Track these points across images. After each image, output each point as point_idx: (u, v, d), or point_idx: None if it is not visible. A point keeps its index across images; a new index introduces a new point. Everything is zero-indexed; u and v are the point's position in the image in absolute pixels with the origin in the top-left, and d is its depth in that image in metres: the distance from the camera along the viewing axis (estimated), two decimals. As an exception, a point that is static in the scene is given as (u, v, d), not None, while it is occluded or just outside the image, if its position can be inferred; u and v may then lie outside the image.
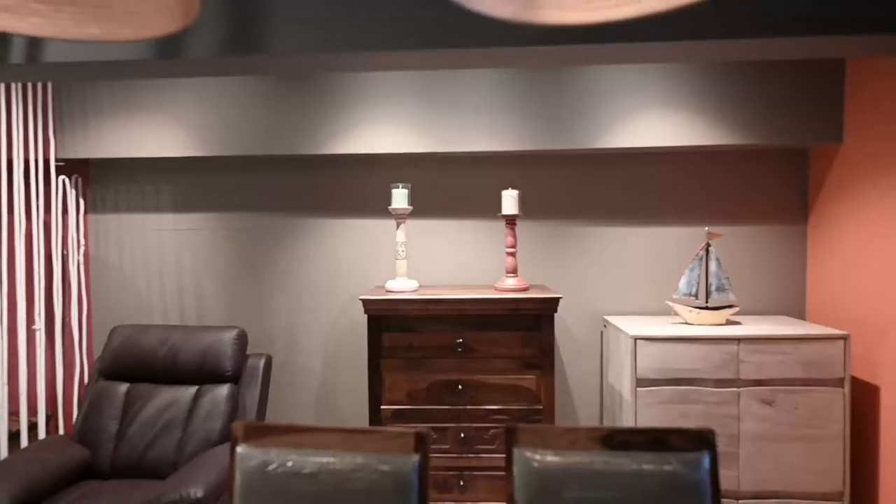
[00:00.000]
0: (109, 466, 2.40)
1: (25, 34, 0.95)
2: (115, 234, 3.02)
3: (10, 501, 1.95)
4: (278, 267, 2.98)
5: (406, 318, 2.42)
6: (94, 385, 2.58)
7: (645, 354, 2.37)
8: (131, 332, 2.62)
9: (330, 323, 2.95)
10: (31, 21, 0.94)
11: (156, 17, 0.94)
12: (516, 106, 2.65)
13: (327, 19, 1.64)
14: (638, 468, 1.16)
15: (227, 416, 2.48)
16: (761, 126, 2.60)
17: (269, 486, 1.17)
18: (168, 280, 3.01)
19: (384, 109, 2.69)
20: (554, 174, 2.89)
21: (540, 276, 2.90)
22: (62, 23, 0.96)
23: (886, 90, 2.29)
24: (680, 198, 2.85)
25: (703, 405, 2.36)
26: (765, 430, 2.35)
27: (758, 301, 2.85)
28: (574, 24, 0.90)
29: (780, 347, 2.33)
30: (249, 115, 2.74)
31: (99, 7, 0.94)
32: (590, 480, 1.16)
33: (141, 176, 3.00)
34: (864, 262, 2.41)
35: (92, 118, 2.77)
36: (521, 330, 2.40)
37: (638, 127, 2.62)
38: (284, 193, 2.97)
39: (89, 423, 2.47)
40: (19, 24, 0.94)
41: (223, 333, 2.61)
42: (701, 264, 2.59)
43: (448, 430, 2.41)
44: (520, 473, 1.20)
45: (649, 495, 1.14)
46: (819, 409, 2.33)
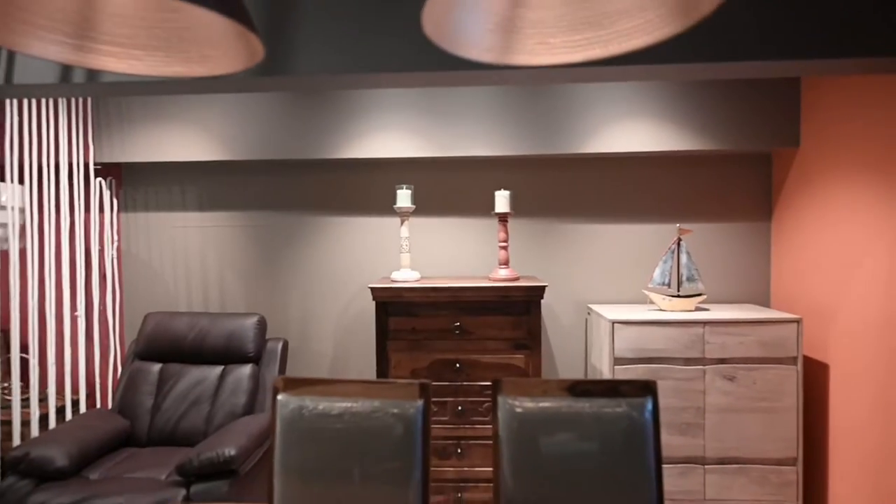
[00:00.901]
0: (147, 435, 2.70)
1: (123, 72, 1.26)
2: (144, 231, 3.33)
3: (68, 459, 2.25)
4: (293, 260, 3.28)
5: (409, 304, 2.73)
6: (131, 365, 2.88)
7: (622, 336, 2.68)
8: (163, 318, 2.93)
9: (340, 311, 3.26)
10: (129, 63, 1.25)
11: (225, 59, 1.23)
12: (508, 115, 2.96)
13: (343, 46, 1.94)
14: (596, 410, 1.46)
15: (250, 393, 2.79)
16: (727, 132, 2.91)
17: (304, 425, 1.47)
18: (193, 272, 3.31)
19: (389, 119, 2.99)
20: (542, 176, 3.20)
21: (529, 268, 3.21)
22: (153, 63, 1.26)
23: (836, 100, 2.59)
24: (655, 197, 3.16)
25: (672, 381, 2.66)
26: (727, 403, 2.65)
27: (727, 290, 3.15)
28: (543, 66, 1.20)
29: (741, 330, 2.64)
30: (268, 123, 3.04)
31: (181, 52, 1.25)
32: (558, 420, 1.46)
33: (168, 178, 3.31)
34: (817, 255, 2.71)
35: (127, 125, 3.07)
36: (511, 314, 2.71)
37: (617, 134, 2.93)
38: (299, 194, 3.27)
39: (128, 398, 2.77)
40: (119, 65, 1.24)
41: (245, 320, 2.91)
42: (673, 257, 2.89)
43: (447, 404, 2.71)
44: (503, 416, 1.50)
45: (604, 431, 1.44)
46: (775, 384, 2.63)
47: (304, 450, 1.46)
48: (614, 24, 1.08)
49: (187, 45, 1.22)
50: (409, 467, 1.45)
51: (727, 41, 1.87)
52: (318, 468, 1.45)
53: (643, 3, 1.03)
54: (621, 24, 1.08)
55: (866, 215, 2.35)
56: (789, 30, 1.87)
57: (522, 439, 1.49)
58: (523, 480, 1.44)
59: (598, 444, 1.43)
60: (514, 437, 1.48)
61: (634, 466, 1.42)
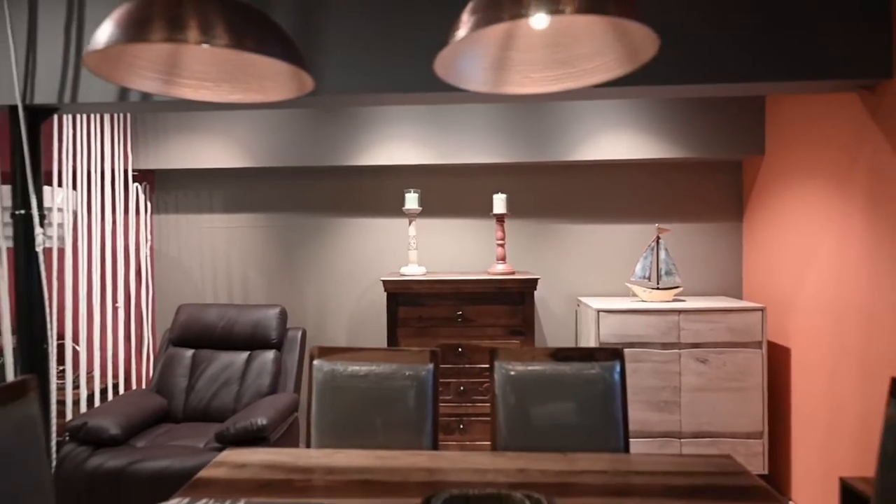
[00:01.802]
0: (182, 412, 3.02)
1: (197, 100, 1.59)
2: (175, 231, 3.66)
3: (119, 428, 2.57)
4: (310, 257, 3.61)
5: (417, 295, 3.05)
6: (166, 351, 3.21)
7: (606, 324, 3.00)
8: (195, 309, 3.25)
9: (353, 303, 3.59)
10: (201, 93, 1.58)
11: (280, 90, 1.56)
12: (504, 126, 3.30)
13: (361, 70, 2.28)
14: (575, 372, 1.78)
15: (274, 375, 3.11)
16: (702, 142, 3.24)
17: (336, 384, 1.79)
18: (219, 268, 3.64)
19: (398, 130, 3.33)
20: (535, 181, 3.53)
21: (524, 264, 3.53)
22: (220, 92, 1.59)
23: (795, 114, 2.92)
24: (636, 200, 3.49)
25: (651, 363, 2.98)
26: (700, 383, 2.97)
27: (704, 284, 3.48)
28: (528, 94, 1.53)
29: (712, 317, 2.96)
30: (289, 134, 3.38)
31: (243, 83, 1.58)
32: (543, 380, 1.79)
33: (197, 183, 3.65)
34: (781, 251, 3.04)
35: (161, 135, 3.41)
36: (508, 304, 3.03)
37: (603, 143, 3.26)
38: (316, 197, 3.61)
39: (164, 380, 3.10)
40: (194, 94, 1.57)
41: (269, 310, 3.24)
42: (653, 253, 3.22)
43: (450, 384, 3.03)
44: (498, 378, 1.82)
45: (581, 388, 1.77)
46: (743, 366, 2.95)
47: (336, 403, 1.78)
48: (581, 64, 1.43)
49: (249, 78, 1.57)
50: (422, 418, 1.77)
51: (699, 66, 2.22)
52: (347, 418, 1.78)
53: (601, 50, 1.37)
54: (586, 64, 1.42)
55: (819, 215, 2.68)
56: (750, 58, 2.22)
57: (514, 395, 1.82)
58: (514, 428, 1.77)
59: (575, 399, 1.75)
60: (508, 393, 1.80)
61: (605, 416, 1.74)
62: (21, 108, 2.43)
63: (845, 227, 2.49)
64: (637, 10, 1.12)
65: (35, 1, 2.43)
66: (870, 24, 2.19)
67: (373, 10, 2.30)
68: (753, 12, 2.21)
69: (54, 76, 2.43)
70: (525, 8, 1.07)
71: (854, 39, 2.19)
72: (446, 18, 2.26)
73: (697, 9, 2.22)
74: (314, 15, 2.33)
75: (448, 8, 2.26)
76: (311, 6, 2.32)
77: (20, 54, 2.43)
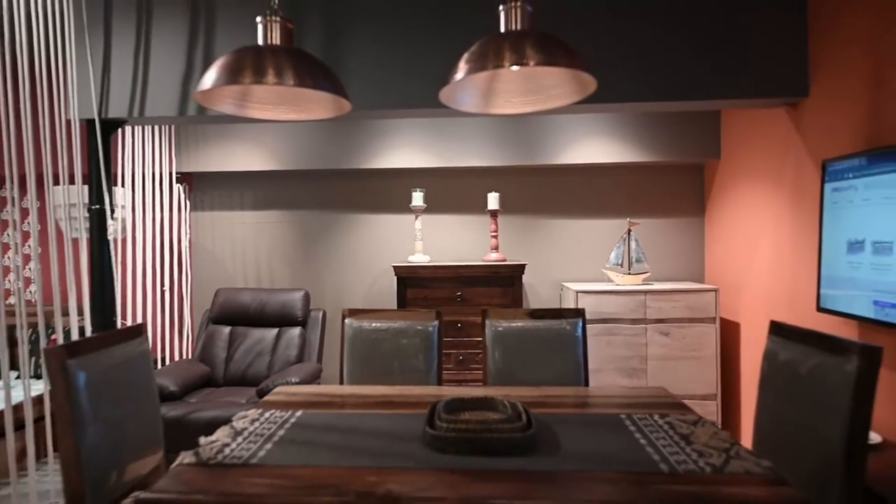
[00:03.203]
0: (222, 378, 3.54)
1: (261, 118, 2.11)
2: (209, 227, 4.18)
3: (177, 386, 3.09)
4: (329, 249, 4.13)
5: (422, 279, 3.58)
6: (207, 328, 3.73)
7: (584, 303, 3.52)
8: (231, 293, 3.77)
9: (366, 287, 4.11)
10: (265, 113, 2.10)
11: (322, 111, 2.09)
12: (498, 135, 3.82)
13: (377, 89, 2.81)
14: (547, 326, 2.30)
15: (300, 348, 3.63)
16: (668, 148, 3.77)
17: (362, 337, 2.31)
18: (248, 258, 4.16)
19: (406, 138, 3.86)
20: (525, 182, 4.06)
21: (515, 253, 4.06)
22: (277, 112, 2.12)
23: (743, 124, 3.44)
24: (612, 198, 4.02)
25: (622, 336, 3.50)
26: (663, 353, 3.48)
27: (672, 270, 4.00)
28: (508, 114, 2.06)
29: (673, 297, 3.48)
30: (310, 141, 3.90)
31: (295, 106, 2.10)
32: (523, 332, 2.30)
33: (230, 184, 4.17)
34: (733, 241, 3.56)
35: (202, 142, 3.94)
36: (500, 286, 3.56)
37: (583, 149, 3.78)
38: (334, 196, 4.13)
39: (206, 352, 3.62)
40: (260, 114, 2.10)
41: (294, 294, 3.76)
42: (625, 244, 3.74)
43: (451, 355, 3.55)
44: (488, 332, 2.34)
45: (552, 338, 2.28)
46: (699, 338, 3.47)
47: (362, 352, 2.30)
48: (546, 93, 1.95)
49: (300, 102, 2.10)
50: (429, 363, 2.29)
51: (654, 86, 2.74)
52: (371, 363, 2.30)
53: (559, 84, 1.90)
54: (550, 92, 1.95)
55: (760, 210, 3.20)
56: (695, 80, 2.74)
57: (501, 345, 2.33)
58: (501, 370, 2.28)
59: (547, 346, 2.27)
60: (496, 344, 2.32)
61: (571, 360, 2.26)
62: (98, 121, 2.96)
63: (777, 220, 3.01)
64: (580, 61, 1.63)
65: (109, 31, 2.96)
66: (791, 51, 2.71)
67: (387, 39, 2.83)
68: (696, 43, 2.74)
69: (125, 94, 2.96)
70: (503, 61, 1.59)
71: (778, 64, 2.72)
72: (448, 48, 2.79)
73: (652, 42, 2.75)
74: (339, 44, 2.86)
75: (449, 40, 2.79)
76: (337, 37, 2.85)
77: (97, 76, 2.96)
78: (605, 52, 2.76)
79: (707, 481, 1.31)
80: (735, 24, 2.72)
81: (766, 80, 2.73)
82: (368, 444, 1.55)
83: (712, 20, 2.73)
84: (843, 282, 2.32)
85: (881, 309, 2.11)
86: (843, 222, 2.33)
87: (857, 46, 2.39)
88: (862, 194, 2.23)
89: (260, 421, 1.76)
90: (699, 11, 2.74)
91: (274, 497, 1.27)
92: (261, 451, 1.51)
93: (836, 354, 1.49)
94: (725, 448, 1.49)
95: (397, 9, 2.83)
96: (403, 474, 1.37)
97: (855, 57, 2.40)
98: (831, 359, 1.51)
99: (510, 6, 1.73)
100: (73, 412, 1.55)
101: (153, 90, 2.94)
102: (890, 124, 2.21)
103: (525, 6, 1.74)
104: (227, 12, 2.91)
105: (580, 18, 2.77)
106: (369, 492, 1.28)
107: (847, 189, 2.32)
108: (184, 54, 2.93)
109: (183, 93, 2.92)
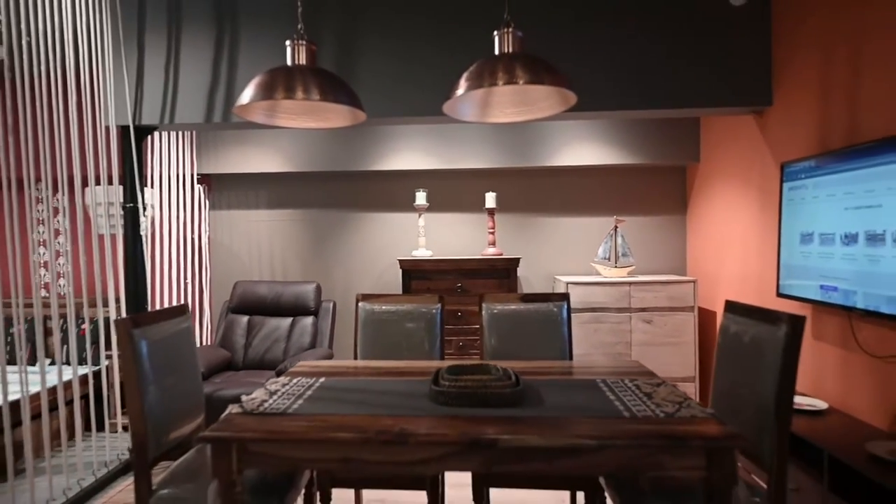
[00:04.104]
0: (242, 362, 3.85)
1: (285, 126, 2.42)
2: (227, 224, 4.50)
3: (203, 367, 3.40)
4: (339, 244, 4.45)
5: (425, 271, 3.89)
6: (226, 317, 4.04)
7: (574, 293, 3.83)
8: (248, 285, 4.09)
9: (373, 280, 4.42)
10: (290, 122, 2.42)
11: (339, 120, 2.40)
12: (495, 139, 4.14)
13: (385, 98, 3.12)
14: (536, 308, 2.61)
15: (312, 335, 3.94)
16: (654, 151, 4.08)
17: (374, 318, 2.62)
18: (263, 254, 4.48)
19: (410, 142, 4.17)
20: (520, 182, 4.37)
21: (510, 248, 4.37)
22: (300, 121, 2.43)
23: (719, 130, 3.76)
24: (601, 198, 4.33)
25: (608, 324, 3.81)
26: (646, 339, 3.80)
27: (658, 264, 4.31)
28: (503, 122, 2.37)
29: (655, 288, 3.79)
30: (321, 145, 4.22)
31: (316, 115, 2.42)
32: (515, 314, 2.62)
33: (246, 185, 4.49)
34: (710, 237, 3.87)
35: (220, 146, 4.25)
36: (496, 278, 3.87)
37: (574, 152, 4.10)
38: (343, 196, 4.44)
39: (227, 338, 3.93)
40: (286, 123, 2.41)
41: (307, 286, 4.07)
42: (612, 239, 4.05)
43: (452, 341, 3.86)
44: (485, 314, 2.65)
45: (540, 318, 2.59)
46: (679, 326, 3.78)
47: (374, 332, 2.62)
48: (535, 104, 2.26)
49: (320, 112, 2.41)
50: (433, 341, 2.60)
51: (635, 95, 3.06)
52: (381, 342, 2.61)
53: (546, 97, 2.21)
54: (538, 104, 2.26)
55: (733, 208, 3.52)
56: (671, 90, 3.05)
57: (495, 325, 2.64)
58: (496, 347, 2.60)
59: (536, 325, 2.59)
60: (491, 324, 2.64)
61: (556, 336, 2.57)
62: (132, 127, 3.27)
63: (746, 217, 3.33)
64: (562, 79, 1.95)
65: (143, 47, 3.28)
66: (756, 65, 3.03)
67: (396, 54, 3.14)
68: (673, 57, 3.05)
69: (156, 102, 3.28)
70: (496, 80, 1.91)
71: (746, 76, 3.03)
72: (450, 64, 3.11)
73: (633, 56, 3.07)
74: (354, 58, 3.18)
75: (451, 56, 3.11)
76: (352, 52, 3.17)
77: (132, 86, 3.28)
78: (591, 66, 3.08)
79: (659, 422, 1.62)
80: (707, 40, 3.04)
81: (735, 91, 3.05)
82: (383, 400, 1.86)
83: (687, 37, 3.05)
84: (797, 270, 2.64)
85: (826, 292, 2.42)
86: (797, 217, 2.65)
87: (812, 61, 2.71)
88: (811, 192, 2.55)
89: (290, 385, 2.07)
90: (676, 29, 3.06)
91: (309, 434, 1.58)
92: (294, 405, 1.82)
93: (771, 324, 1.81)
94: (679, 401, 1.80)
95: (406, 28, 3.15)
96: (413, 420, 1.68)
97: (811, 71, 2.72)
98: (767, 328, 1.82)
99: (503, 32, 2.04)
100: (139, 374, 1.86)
101: (182, 99, 3.26)
102: (836, 131, 2.53)
103: (516, 32, 2.05)
104: (249, 29, 3.22)
105: (569, 38, 3.09)
106: (386, 430, 1.59)
107: (800, 188, 2.64)
108: (209, 66, 3.24)
109: (209, 101, 3.24)
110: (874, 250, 2.15)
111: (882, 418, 2.27)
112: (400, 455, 1.58)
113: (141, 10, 3.26)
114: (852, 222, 2.26)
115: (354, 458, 1.59)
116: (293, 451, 1.60)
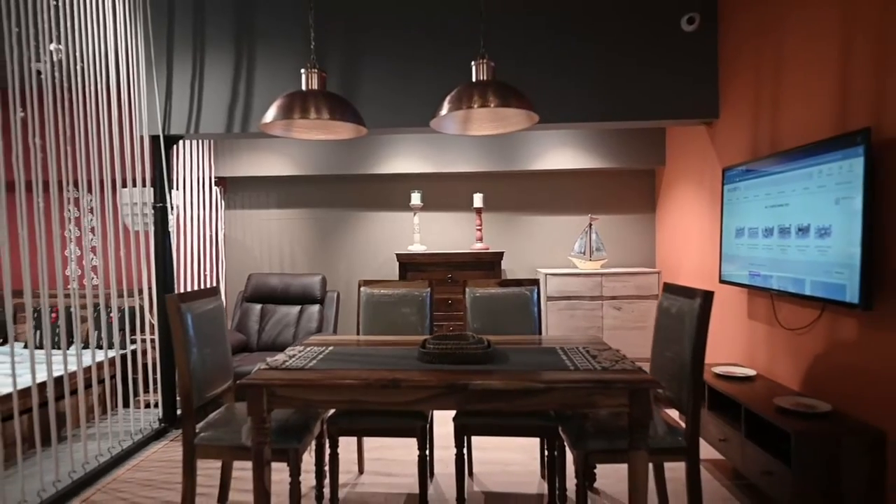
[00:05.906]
0: (256, 345, 4.32)
1: (298, 138, 2.89)
2: (240, 223, 4.96)
3: (224, 348, 3.86)
4: (342, 241, 4.91)
5: (420, 263, 4.35)
6: (241, 306, 4.50)
7: (551, 284, 4.29)
8: (261, 277, 4.55)
9: (372, 273, 4.88)
10: (304, 136, 2.89)
11: (345, 133, 2.87)
12: (483, 145, 4.60)
13: (383, 110, 3.59)
14: (511, 291, 3.07)
15: (319, 322, 4.40)
16: (625, 156, 4.55)
17: (374, 301, 3.09)
18: (273, 249, 4.94)
19: (406, 148, 4.64)
20: (504, 184, 4.84)
21: (496, 244, 4.83)
22: (311, 134, 2.90)
23: (680, 138, 4.22)
24: (577, 198, 4.80)
25: (582, 311, 4.27)
26: (616, 324, 4.26)
27: (628, 258, 4.78)
28: (482, 134, 2.84)
29: (624, 279, 4.26)
30: (327, 150, 4.68)
31: (326, 129, 2.88)
32: (494, 297, 3.08)
33: (258, 187, 4.95)
34: (674, 233, 4.34)
35: (236, 151, 4.72)
36: (483, 270, 4.33)
37: (553, 156, 4.56)
38: (346, 196, 4.91)
39: (242, 324, 4.39)
40: (300, 135, 2.88)
41: (313, 277, 4.53)
42: (587, 235, 4.52)
43: (443, 326, 4.32)
44: (468, 297, 3.11)
45: (514, 301, 3.06)
46: (645, 312, 4.24)
47: (374, 313, 3.08)
48: (507, 120, 2.73)
49: (329, 126, 2.87)
50: (423, 320, 3.06)
51: (600, 109, 3.51)
52: (380, 321, 3.07)
53: (514, 115, 2.68)
54: (509, 120, 2.72)
55: (691, 207, 3.98)
56: (631, 104, 3.51)
57: (477, 306, 3.11)
58: (477, 326, 3.06)
59: (511, 306, 3.05)
60: (473, 306, 3.10)
61: (527, 316, 3.04)
62: (162, 136, 3.74)
63: (700, 215, 3.79)
64: (526, 102, 2.40)
65: (171, 65, 3.74)
66: (705, 82, 3.49)
67: (394, 72, 3.61)
68: (633, 75, 3.52)
69: (183, 115, 3.74)
70: (473, 103, 2.37)
71: (697, 91, 3.50)
72: (440, 81, 3.57)
73: (598, 74, 3.53)
74: (356, 74, 3.64)
75: (441, 74, 3.57)
76: (355, 69, 3.64)
77: (162, 101, 3.74)
78: (562, 83, 3.54)
79: (596, 373, 2.08)
80: (665, 61, 3.51)
81: (688, 105, 3.51)
82: (381, 361, 2.33)
83: (649, 57, 3.52)
84: (734, 259, 3.10)
85: (753, 277, 2.89)
86: (734, 215, 3.11)
87: (748, 81, 3.18)
88: (743, 193, 3.01)
89: (304, 351, 2.53)
90: (639, 49, 3.52)
91: (324, 380, 2.04)
92: (309, 364, 2.28)
93: (690, 298, 2.27)
94: (617, 360, 2.27)
95: (403, 50, 3.61)
96: (404, 372, 2.14)
97: (747, 89, 3.19)
98: (687, 301, 2.28)
99: (479, 62, 2.50)
100: (185, 339, 2.32)
101: (205, 112, 3.72)
102: (764, 141, 3.00)
103: (489, 62, 2.51)
104: (265, 51, 3.69)
105: (540, 61, 3.56)
106: (382, 378, 2.05)
107: (736, 190, 3.10)
108: (229, 84, 3.71)
109: (229, 114, 3.70)
110: (783, 241, 2.61)
111: (796, 381, 2.73)
112: (394, 397, 2.04)
113: (170, 35, 3.73)
114: (769, 218, 2.73)
115: (359, 399, 2.06)
116: (311, 394, 2.07)
